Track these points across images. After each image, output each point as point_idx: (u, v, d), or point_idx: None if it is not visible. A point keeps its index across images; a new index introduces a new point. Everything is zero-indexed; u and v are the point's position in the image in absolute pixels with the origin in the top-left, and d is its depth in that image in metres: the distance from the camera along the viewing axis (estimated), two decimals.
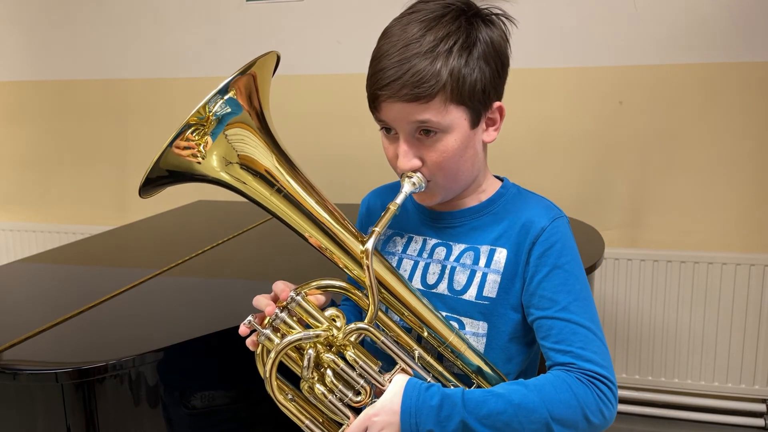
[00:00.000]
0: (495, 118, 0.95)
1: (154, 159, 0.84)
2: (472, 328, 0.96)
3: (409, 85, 0.86)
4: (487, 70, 0.89)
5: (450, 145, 0.90)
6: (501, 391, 0.87)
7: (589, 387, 0.86)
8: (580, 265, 0.94)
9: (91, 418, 1.10)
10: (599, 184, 2.34)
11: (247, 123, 0.87)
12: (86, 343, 1.24)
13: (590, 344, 0.89)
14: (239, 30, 2.59)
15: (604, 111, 2.29)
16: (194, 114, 0.82)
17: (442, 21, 0.88)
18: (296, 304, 0.89)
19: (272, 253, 1.84)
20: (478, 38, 0.89)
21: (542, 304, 0.91)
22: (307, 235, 0.91)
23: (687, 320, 2.30)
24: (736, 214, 2.24)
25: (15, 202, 3.05)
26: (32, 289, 1.60)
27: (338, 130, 2.53)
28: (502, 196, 1.00)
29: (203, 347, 1.22)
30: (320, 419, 0.91)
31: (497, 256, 0.95)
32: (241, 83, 0.85)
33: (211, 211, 2.38)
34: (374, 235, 0.87)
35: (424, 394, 0.85)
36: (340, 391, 0.87)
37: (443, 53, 0.86)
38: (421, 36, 0.87)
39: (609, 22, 2.22)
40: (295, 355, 0.90)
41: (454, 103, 0.88)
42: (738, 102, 2.17)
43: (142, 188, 0.87)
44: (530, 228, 0.93)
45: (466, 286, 0.96)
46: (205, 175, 0.87)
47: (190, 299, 1.49)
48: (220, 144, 0.85)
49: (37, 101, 2.93)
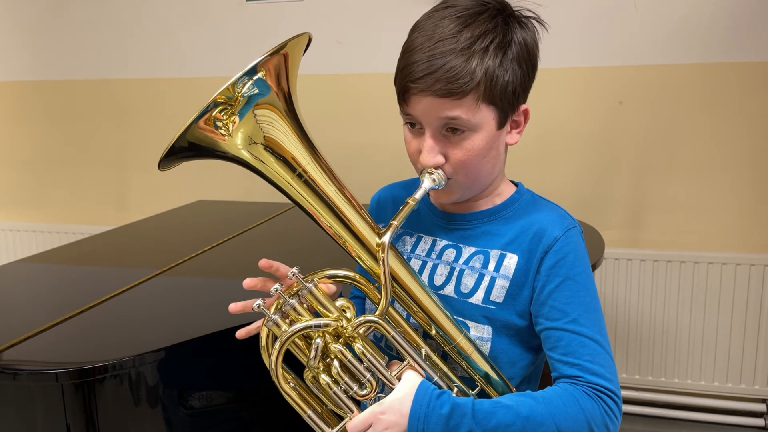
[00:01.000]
0: (519, 121, 0.95)
1: (179, 131, 0.82)
2: (477, 332, 0.95)
3: (443, 80, 0.84)
4: (519, 72, 0.89)
5: (476, 144, 0.89)
6: (509, 402, 0.86)
7: (596, 401, 0.86)
8: (591, 276, 0.93)
9: (91, 418, 1.10)
10: (599, 184, 2.34)
11: (275, 105, 0.86)
12: (86, 343, 1.24)
13: (598, 357, 0.88)
14: (239, 30, 2.59)
15: (604, 111, 2.29)
16: (223, 92, 0.81)
17: (479, 19, 0.87)
18: (307, 292, 0.87)
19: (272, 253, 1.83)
20: (513, 39, 0.88)
21: (552, 314, 0.90)
22: (323, 222, 0.90)
23: (687, 320, 2.30)
24: (736, 214, 2.24)
25: (15, 202, 3.05)
26: (32, 289, 1.60)
27: (338, 130, 2.53)
28: (515, 201, 0.99)
29: (203, 347, 1.22)
30: (319, 409, 0.90)
31: (507, 262, 0.94)
32: (272, 64, 0.84)
33: (211, 211, 2.38)
34: (392, 228, 0.86)
35: (435, 401, 0.84)
36: (346, 383, 0.86)
37: (479, 51, 0.85)
38: (458, 32, 0.86)
39: (609, 22, 2.22)
40: (302, 343, 0.89)
41: (485, 102, 0.87)
42: (738, 102, 2.17)
43: (164, 159, 0.85)
44: (543, 237, 0.92)
45: (473, 289, 0.95)
46: (227, 152, 0.86)
47: (190, 299, 1.49)
48: (248, 123, 0.84)
49: (37, 101, 2.93)
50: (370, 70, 2.44)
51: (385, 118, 2.52)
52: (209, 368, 1.26)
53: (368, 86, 2.47)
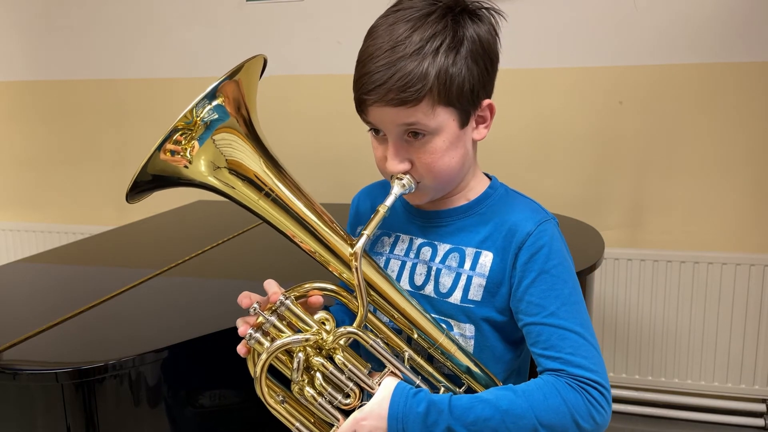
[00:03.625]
0: (485, 116, 0.94)
1: (141, 164, 0.83)
2: (459, 330, 0.95)
3: (395, 89, 0.84)
4: (474, 68, 0.88)
5: (439, 146, 0.89)
6: (488, 397, 0.86)
7: (580, 392, 0.85)
8: (569, 268, 0.92)
9: (91, 418, 1.10)
10: (599, 184, 2.34)
11: (235, 128, 0.86)
12: (86, 343, 1.24)
13: (580, 349, 0.87)
14: (239, 30, 2.59)
15: (604, 111, 2.29)
16: (181, 118, 0.82)
17: (429, 20, 0.86)
18: (285, 308, 0.88)
19: (272, 253, 1.84)
20: (465, 36, 0.87)
21: (530, 309, 0.90)
22: (297, 239, 0.91)
23: (687, 320, 2.30)
24: (736, 214, 2.24)
25: (15, 202, 3.05)
26: (32, 289, 1.60)
27: (338, 130, 2.53)
28: (489, 197, 0.99)
29: (203, 347, 1.22)
30: (311, 419, 0.91)
31: (482, 260, 0.94)
32: (228, 90, 0.85)
33: (210, 211, 2.38)
34: (363, 237, 0.86)
35: (411, 400, 0.85)
36: (330, 393, 0.88)
37: (430, 54, 0.84)
38: (407, 36, 0.85)
39: (609, 22, 2.22)
40: (285, 358, 0.90)
41: (441, 105, 0.87)
42: (738, 102, 2.17)
43: (129, 193, 0.86)
44: (516, 232, 0.92)
45: (451, 288, 0.95)
46: (192, 179, 0.87)
47: (190, 299, 1.49)
48: (208, 149, 0.85)
49: (37, 101, 2.93)
50: None
51: None
52: (209, 368, 1.26)
53: None
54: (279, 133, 2.62)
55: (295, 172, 0.92)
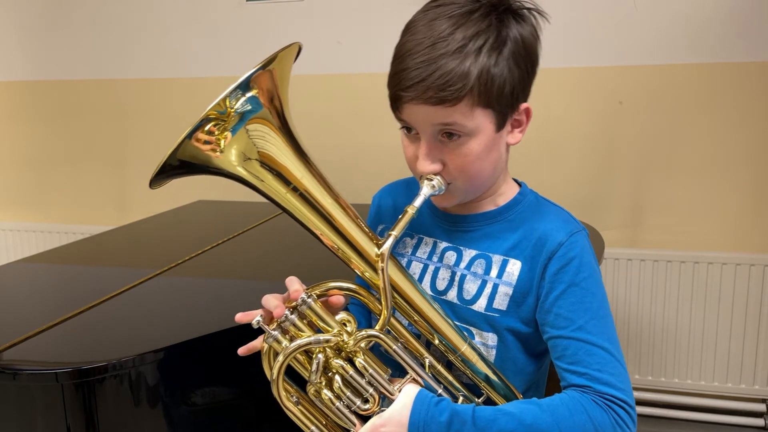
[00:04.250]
0: (521, 120, 0.91)
1: (170, 149, 0.81)
2: (481, 339, 0.93)
3: (434, 87, 0.81)
4: (516, 71, 0.85)
5: (473, 148, 0.86)
6: (512, 410, 0.84)
7: (606, 411, 0.82)
8: (598, 281, 0.90)
9: (91, 418, 1.10)
10: (599, 184, 2.34)
11: (268, 120, 0.84)
12: (86, 343, 1.24)
13: (607, 366, 0.85)
14: (239, 30, 2.59)
15: (604, 111, 2.29)
16: (214, 107, 0.79)
17: (472, 18, 0.83)
18: (306, 307, 0.85)
19: (273, 253, 1.84)
20: (508, 36, 0.84)
21: (557, 322, 0.87)
22: (321, 234, 0.88)
23: (687, 320, 2.30)
24: (736, 214, 2.24)
25: (15, 202, 3.05)
26: (32, 289, 1.59)
27: (338, 130, 2.53)
28: (519, 203, 0.96)
29: (203, 347, 1.21)
30: (323, 421, 0.90)
31: (510, 268, 0.92)
32: (262, 80, 0.82)
33: (211, 211, 2.38)
34: (391, 238, 0.84)
35: (434, 408, 0.83)
36: (348, 398, 0.85)
37: (472, 53, 0.81)
38: (449, 34, 0.82)
39: (609, 22, 2.22)
40: (303, 358, 0.88)
41: (480, 107, 0.84)
42: (738, 102, 2.17)
43: (155, 178, 0.84)
44: (546, 242, 0.89)
45: (475, 296, 0.93)
46: (222, 169, 0.84)
47: (190, 299, 1.49)
48: (241, 139, 0.82)
49: (37, 101, 2.93)
50: (370, 70, 2.44)
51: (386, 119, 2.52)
52: (209, 368, 1.25)
53: (368, 86, 2.47)
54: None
55: None
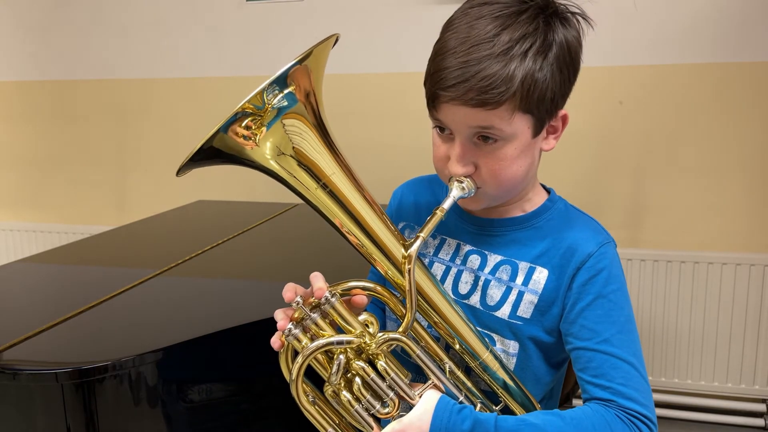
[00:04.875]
0: (557, 126, 0.90)
1: (205, 137, 0.79)
2: (503, 346, 0.92)
3: (476, 89, 0.79)
4: (558, 76, 0.83)
5: (509, 153, 0.84)
6: (535, 421, 0.82)
7: (629, 426, 0.81)
8: (626, 295, 0.89)
9: (91, 418, 1.10)
10: (599, 184, 2.34)
11: (304, 116, 0.82)
12: (86, 343, 1.24)
13: (631, 380, 0.84)
14: (239, 30, 2.59)
15: (604, 111, 2.29)
16: (251, 101, 0.78)
17: (519, 19, 0.80)
18: (330, 306, 0.83)
19: (273, 253, 1.84)
20: (554, 41, 0.82)
21: (583, 334, 0.86)
22: (347, 232, 0.86)
23: (687, 320, 2.30)
24: (736, 214, 2.24)
25: (15, 202, 3.05)
26: (32, 289, 1.59)
27: (339, 130, 2.52)
28: (547, 210, 0.95)
29: (203, 347, 1.21)
30: (337, 420, 0.88)
31: (537, 276, 0.90)
32: (299, 75, 0.80)
33: (211, 211, 2.37)
34: (419, 240, 0.82)
35: (456, 416, 0.82)
36: (368, 401, 0.84)
37: (518, 57, 0.79)
38: (495, 35, 0.79)
39: (609, 22, 2.22)
40: (323, 358, 0.86)
41: (521, 111, 0.82)
42: (738, 102, 2.17)
43: (186, 165, 0.81)
44: (575, 252, 0.88)
45: (499, 302, 0.92)
46: (255, 161, 0.82)
47: (190, 299, 1.48)
48: (276, 133, 0.81)
49: (37, 101, 2.93)
50: (370, 70, 2.44)
51: (386, 118, 2.53)
52: (209, 368, 1.25)
53: (369, 86, 2.47)
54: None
55: None
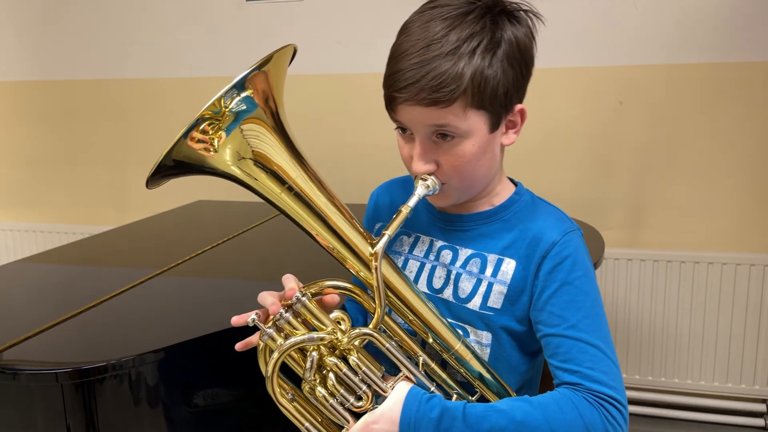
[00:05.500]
0: (516, 121, 0.92)
1: (166, 149, 0.82)
2: (476, 337, 0.94)
3: (428, 88, 0.82)
4: (510, 72, 0.86)
5: (467, 149, 0.87)
6: (503, 407, 0.85)
7: (597, 408, 0.83)
8: (592, 280, 0.91)
9: (91, 418, 1.10)
10: (599, 184, 2.34)
11: (263, 120, 0.85)
12: (86, 343, 1.25)
13: (599, 364, 0.85)
14: (239, 30, 2.59)
15: (604, 111, 2.29)
16: (210, 107, 0.80)
17: (467, 19, 0.84)
18: (301, 305, 0.87)
19: (273, 253, 1.84)
20: (503, 38, 0.85)
21: (550, 320, 0.88)
22: (316, 234, 0.89)
23: (687, 320, 2.30)
24: (736, 214, 2.24)
25: (15, 202, 3.05)
26: (32, 289, 1.59)
27: (338, 130, 2.53)
28: (514, 203, 0.97)
29: (203, 347, 1.21)
30: (319, 419, 0.91)
31: (505, 267, 0.93)
32: (258, 81, 0.83)
33: (211, 211, 2.38)
34: (385, 237, 0.85)
35: (425, 405, 0.84)
36: (342, 395, 0.86)
37: (466, 54, 0.82)
38: (444, 35, 0.82)
39: (609, 22, 2.22)
40: (298, 356, 0.89)
41: (474, 108, 0.85)
42: (738, 102, 2.17)
43: (151, 178, 0.85)
44: (540, 241, 0.90)
45: (470, 294, 0.94)
46: (216, 168, 0.85)
47: (190, 299, 1.49)
48: (235, 139, 0.83)
49: (37, 101, 2.93)
50: (370, 70, 2.44)
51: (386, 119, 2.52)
52: (209, 368, 1.26)
53: (368, 86, 2.46)
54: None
55: None
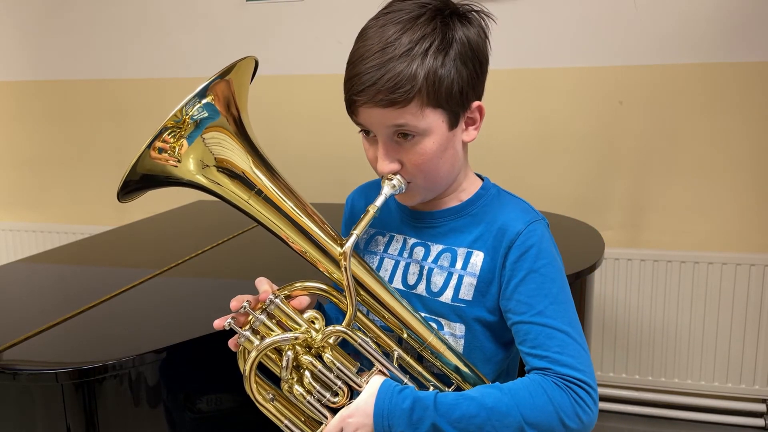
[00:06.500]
0: (475, 118, 0.95)
1: (131, 163, 0.84)
2: (450, 330, 0.96)
3: (384, 90, 0.85)
4: (464, 70, 0.88)
5: (428, 147, 0.90)
6: (474, 394, 0.87)
7: (566, 391, 0.85)
8: (558, 268, 0.93)
9: (91, 418, 1.10)
10: (599, 184, 2.34)
11: (225, 127, 0.87)
12: (86, 343, 1.24)
13: (567, 348, 0.88)
14: (239, 30, 2.59)
15: (604, 111, 2.29)
16: (171, 117, 0.82)
17: (418, 22, 0.87)
18: (275, 306, 0.89)
19: (272, 252, 1.83)
20: (454, 38, 0.88)
21: (518, 308, 0.91)
22: (286, 238, 0.91)
23: (687, 320, 2.30)
24: (736, 214, 2.24)
25: (15, 202, 3.05)
26: (32, 289, 1.60)
27: (338, 130, 2.53)
28: (481, 197, 1.00)
29: (203, 347, 1.22)
30: (302, 418, 0.92)
31: (474, 259, 0.95)
32: (219, 89, 0.85)
33: (210, 211, 2.38)
34: (353, 237, 0.87)
35: (397, 396, 0.86)
36: (318, 392, 0.89)
37: (419, 56, 0.85)
38: (397, 38, 0.86)
39: (609, 22, 2.22)
40: (275, 356, 0.91)
41: (430, 107, 0.87)
42: (738, 102, 2.17)
43: (120, 193, 0.87)
44: (506, 232, 0.93)
45: (442, 287, 0.96)
46: (181, 178, 0.87)
47: (190, 299, 1.49)
48: (197, 147, 0.85)
49: (37, 101, 2.93)
50: None
51: None
52: (209, 368, 1.26)
53: None
54: (279, 133, 2.62)
55: (296, 171, 0.93)
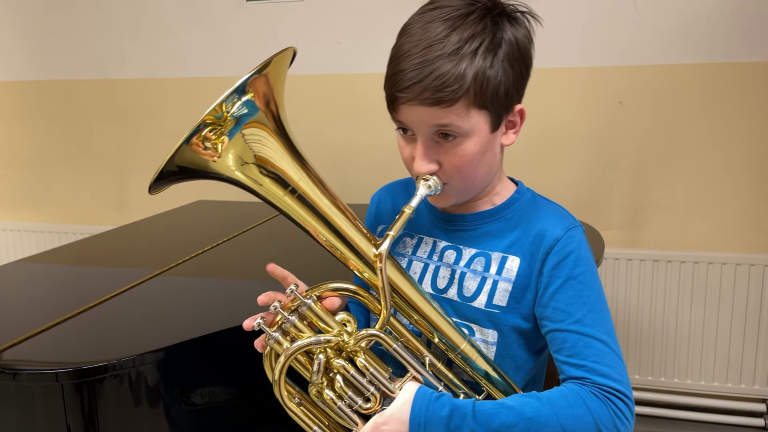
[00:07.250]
0: (515, 121, 0.93)
1: (168, 155, 0.82)
2: (482, 336, 0.94)
3: (431, 88, 0.83)
4: (510, 72, 0.87)
5: (469, 149, 0.88)
6: (512, 403, 0.85)
7: (605, 402, 0.83)
8: (595, 275, 0.91)
9: (91, 418, 1.10)
10: (599, 184, 2.34)
11: (264, 124, 0.85)
12: (86, 343, 1.24)
13: (605, 358, 0.86)
14: (239, 30, 2.59)
15: (604, 111, 2.29)
16: (211, 112, 0.80)
17: (468, 20, 0.85)
18: (307, 308, 0.86)
19: (272, 253, 1.84)
20: (503, 39, 0.86)
21: (556, 316, 0.89)
22: (319, 236, 0.89)
23: (687, 320, 2.30)
24: (736, 214, 2.24)
25: (15, 202, 3.05)
26: (32, 289, 1.59)
27: (338, 130, 2.53)
28: (516, 201, 0.98)
29: (203, 347, 1.22)
30: (326, 422, 0.90)
31: (509, 264, 0.93)
32: (258, 84, 0.83)
33: (211, 211, 2.38)
34: (389, 238, 0.85)
35: (434, 404, 0.84)
36: (350, 397, 0.86)
37: (468, 55, 0.83)
38: (445, 36, 0.83)
39: (609, 22, 2.22)
40: (304, 359, 0.89)
41: (476, 108, 0.85)
42: (738, 102, 2.17)
43: (154, 184, 0.85)
44: (544, 238, 0.91)
45: (475, 293, 0.94)
46: (220, 173, 0.85)
47: (190, 299, 1.49)
48: (237, 143, 0.83)
49: (37, 101, 2.93)
50: (369, 70, 2.44)
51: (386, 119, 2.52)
52: (209, 368, 1.26)
53: (368, 86, 2.46)
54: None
55: None
